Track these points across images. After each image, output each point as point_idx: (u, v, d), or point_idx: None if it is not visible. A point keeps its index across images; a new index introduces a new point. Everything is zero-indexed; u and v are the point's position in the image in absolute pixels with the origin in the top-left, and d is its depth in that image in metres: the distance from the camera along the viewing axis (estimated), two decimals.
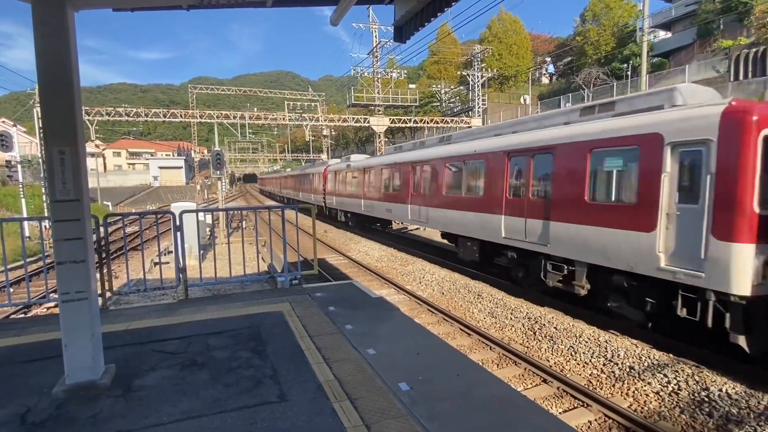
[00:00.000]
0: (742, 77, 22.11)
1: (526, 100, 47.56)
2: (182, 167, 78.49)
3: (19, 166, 23.11)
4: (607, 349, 6.43)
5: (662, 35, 39.94)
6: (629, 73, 35.58)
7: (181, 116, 34.04)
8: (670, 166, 6.12)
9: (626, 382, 5.65)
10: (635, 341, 6.67)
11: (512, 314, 8.24)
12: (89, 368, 3.37)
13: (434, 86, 56.12)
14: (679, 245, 5.96)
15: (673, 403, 5.12)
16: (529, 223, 8.64)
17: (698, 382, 5.38)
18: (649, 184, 6.33)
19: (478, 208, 10.37)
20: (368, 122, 38.07)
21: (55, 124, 3.32)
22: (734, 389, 5.14)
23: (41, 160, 25.95)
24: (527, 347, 7.02)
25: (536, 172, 8.65)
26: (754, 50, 22.32)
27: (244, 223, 19.39)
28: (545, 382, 5.81)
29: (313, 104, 56.27)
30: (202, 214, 15.95)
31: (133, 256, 15.52)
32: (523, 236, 8.77)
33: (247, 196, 67.86)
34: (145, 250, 14.57)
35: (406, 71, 47.52)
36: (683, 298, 5.94)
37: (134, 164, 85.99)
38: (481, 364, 5.08)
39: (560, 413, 5.05)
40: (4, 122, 40.33)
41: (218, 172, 18.74)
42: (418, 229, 20.49)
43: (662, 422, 4.83)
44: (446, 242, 13.88)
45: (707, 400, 5.04)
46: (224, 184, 22.05)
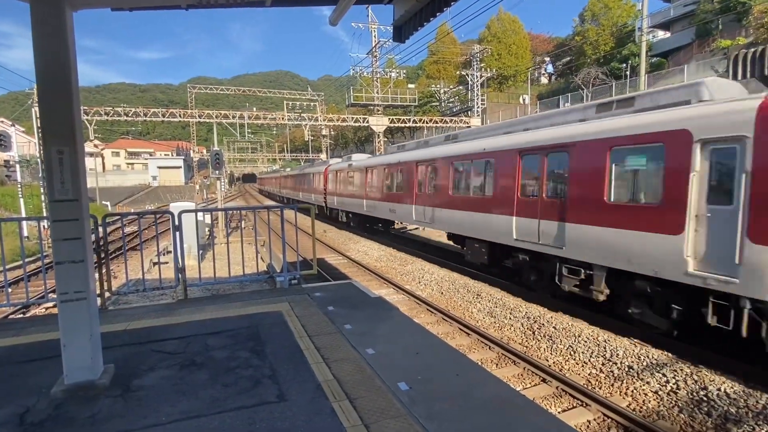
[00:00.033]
0: (740, 77, 22.14)
1: (525, 100, 47.61)
2: (181, 167, 78.35)
3: (17, 165, 23.06)
4: (606, 348, 6.44)
5: (661, 35, 40.03)
6: (628, 73, 35.65)
7: (180, 116, 34.02)
8: (699, 164, 5.72)
9: (625, 381, 5.65)
10: (634, 341, 6.68)
11: (511, 314, 8.25)
12: (88, 368, 3.37)
13: (433, 86, 56.18)
14: (710, 249, 5.57)
15: (671, 402, 5.13)
16: (542, 224, 8.26)
17: (697, 381, 5.39)
18: (675, 183, 5.94)
19: (487, 208, 10.02)
20: (367, 122, 38.08)
21: (53, 123, 3.32)
22: (732, 388, 5.15)
23: (40, 159, 25.92)
24: (526, 347, 7.03)
25: (551, 171, 8.28)
26: (752, 50, 22.34)
27: (243, 222, 19.39)
28: (544, 381, 5.82)
29: (312, 104, 56.24)
30: (201, 214, 15.93)
31: (132, 256, 15.51)
32: (536, 238, 8.40)
33: (246, 196, 67.82)
34: (144, 250, 14.60)
35: (405, 71, 47.54)
36: (714, 305, 5.56)
37: (133, 164, 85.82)
38: (480, 363, 5.08)
39: (559, 413, 5.06)
40: (2, 122, 40.21)
41: (217, 171, 18.71)
42: (417, 229, 20.50)
43: (661, 421, 4.84)
44: (451, 243, 13.49)
45: (706, 399, 5.05)
46: (223, 183, 22.01)
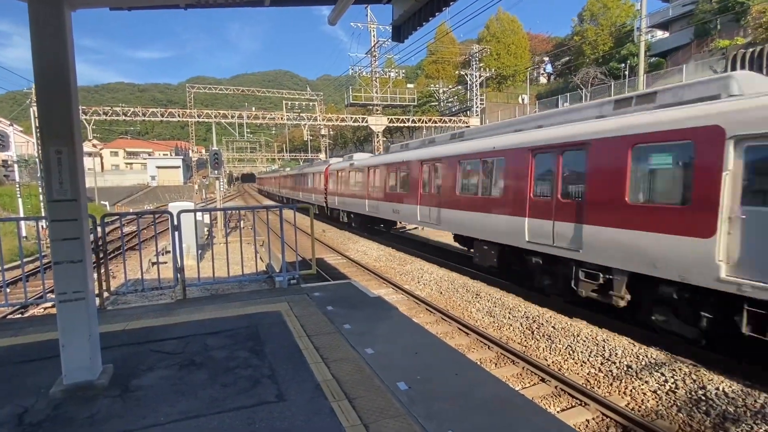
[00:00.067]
0: None
1: (524, 99, 47.67)
2: (180, 167, 78.27)
3: (15, 165, 23.03)
4: (604, 348, 6.45)
5: (660, 35, 40.09)
6: (627, 72, 35.72)
7: (178, 116, 34.03)
8: (733, 162, 5.35)
9: (624, 380, 5.66)
10: (632, 340, 6.68)
11: (510, 313, 8.26)
12: (87, 368, 3.37)
13: (432, 86, 56.24)
14: (745, 253, 5.20)
15: (670, 401, 5.14)
16: (557, 226, 7.86)
17: (695, 380, 5.39)
18: (705, 183, 5.57)
19: (497, 209, 9.58)
20: (366, 122, 38.10)
21: (52, 123, 3.31)
22: (731, 388, 5.16)
23: (38, 159, 25.84)
24: (525, 346, 7.04)
25: (566, 170, 7.88)
26: (750, 50, 22.43)
27: (242, 222, 19.38)
28: (543, 381, 5.82)
29: (311, 104, 56.24)
30: (200, 213, 15.91)
31: (130, 256, 15.48)
32: (550, 240, 8.02)
33: (245, 195, 67.78)
34: (142, 249, 14.62)
35: (404, 71, 47.61)
36: (749, 313, 5.19)
37: (132, 164, 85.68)
38: (479, 363, 5.09)
39: (558, 412, 5.07)
40: (0, 121, 40.14)
41: (216, 171, 18.69)
42: (416, 228, 20.51)
43: (659, 421, 4.85)
44: (457, 245, 13.16)
45: (704, 398, 5.06)
46: (222, 183, 21.98)
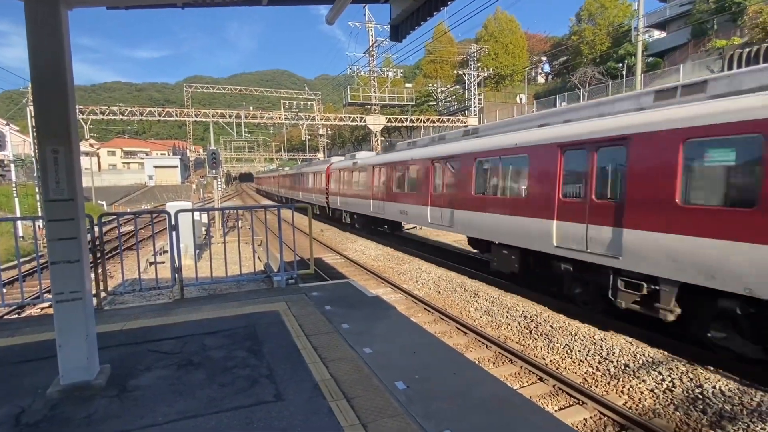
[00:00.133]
0: None
1: (522, 99, 47.76)
2: (178, 166, 78.12)
3: (12, 165, 22.97)
4: (602, 347, 6.47)
5: (657, 35, 40.24)
6: (624, 72, 35.80)
7: (176, 115, 33.97)
8: None
9: (621, 379, 5.68)
10: (630, 339, 6.71)
11: (508, 313, 8.27)
12: (84, 369, 3.36)
13: (430, 85, 56.25)
14: None
15: (667, 400, 5.16)
16: (591, 230, 7.20)
17: (692, 379, 5.42)
18: None
19: (519, 210, 8.89)
20: (364, 121, 38.10)
21: (48, 122, 3.30)
22: (727, 386, 5.18)
23: (35, 159, 25.74)
24: (523, 345, 7.05)
25: (602, 168, 7.22)
26: (747, 50, 22.46)
27: (240, 222, 19.36)
28: (541, 380, 5.83)
29: (309, 103, 56.23)
30: (197, 213, 15.87)
31: (128, 255, 15.42)
32: (583, 246, 7.36)
33: (243, 195, 67.68)
34: (140, 249, 14.59)
35: (402, 70, 47.62)
36: None
37: (129, 163, 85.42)
38: (477, 362, 5.10)
39: (556, 411, 5.08)
40: None
41: (214, 171, 18.66)
42: (414, 228, 20.51)
43: (657, 419, 4.86)
44: (470, 248, 12.64)
45: (701, 397, 5.08)
46: (220, 183, 21.95)
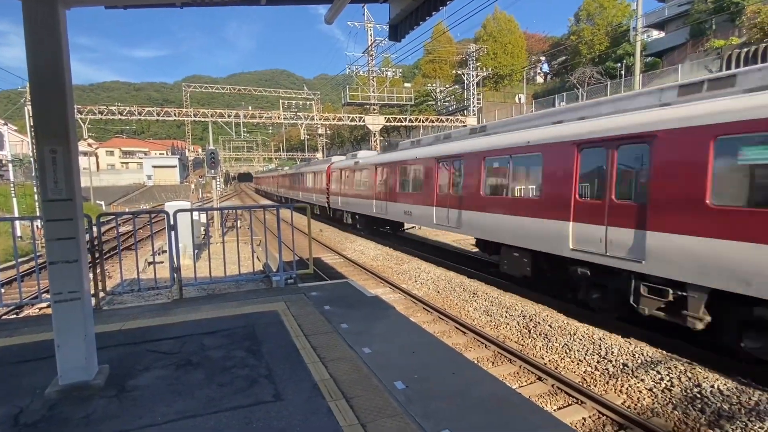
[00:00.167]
0: None
1: (520, 99, 47.82)
2: (176, 166, 78.02)
3: (10, 164, 22.92)
4: (601, 346, 6.48)
5: (655, 35, 40.31)
6: (623, 72, 35.87)
7: (175, 115, 33.94)
8: None
9: (620, 379, 5.69)
10: (629, 339, 6.72)
11: (507, 312, 8.28)
12: (82, 369, 3.35)
13: (429, 85, 56.27)
14: None
15: (666, 399, 5.17)
16: (611, 232, 6.90)
17: (690, 378, 5.43)
18: None
19: (532, 211, 8.59)
20: (363, 121, 38.09)
21: (46, 122, 3.29)
22: (726, 385, 5.19)
23: (33, 159, 25.70)
24: (522, 345, 7.06)
25: (622, 167, 6.93)
26: (745, 50, 22.55)
27: (239, 222, 19.34)
28: (540, 379, 5.84)
29: (308, 103, 56.16)
30: (196, 213, 15.86)
31: (126, 255, 15.40)
32: (602, 249, 7.05)
33: (242, 195, 67.60)
34: (138, 249, 14.56)
35: (401, 70, 47.61)
36: None
37: (127, 163, 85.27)
38: (476, 362, 5.10)
39: (555, 410, 5.09)
40: None
41: (213, 171, 18.65)
42: (413, 227, 20.51)
43: (655, 418, 4.87)
44: (477, 250, 12.39)
45: (699, 396, 5.09)
46: (219, 183, 21.93)
